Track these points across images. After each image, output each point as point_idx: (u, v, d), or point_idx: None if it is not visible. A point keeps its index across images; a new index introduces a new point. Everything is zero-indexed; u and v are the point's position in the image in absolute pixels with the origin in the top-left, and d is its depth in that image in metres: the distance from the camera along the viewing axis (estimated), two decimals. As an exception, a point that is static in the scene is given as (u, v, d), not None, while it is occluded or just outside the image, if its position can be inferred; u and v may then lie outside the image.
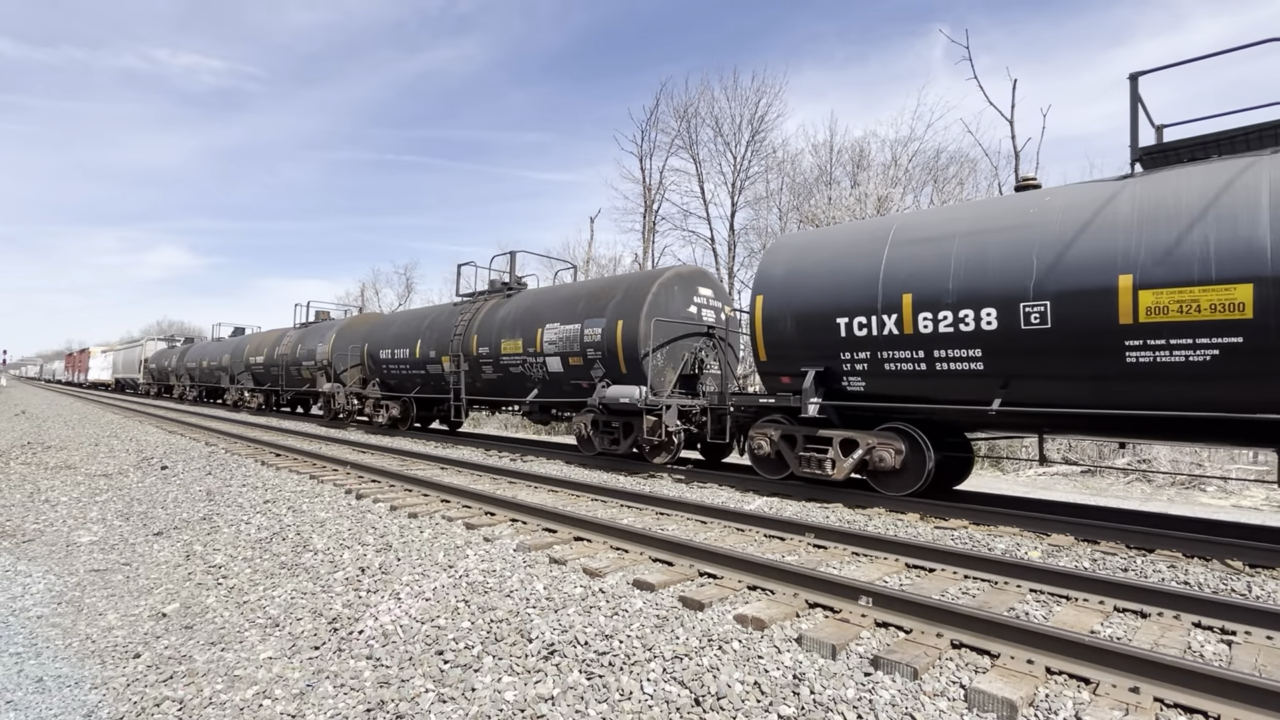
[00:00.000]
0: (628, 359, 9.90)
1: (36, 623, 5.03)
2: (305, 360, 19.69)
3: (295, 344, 20.59)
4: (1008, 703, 2.77)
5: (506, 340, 11.89)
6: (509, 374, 12.03)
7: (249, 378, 23.95)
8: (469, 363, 12.84)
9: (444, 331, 13.70)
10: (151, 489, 9.22)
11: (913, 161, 22.76)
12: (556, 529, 5.80)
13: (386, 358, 15.29)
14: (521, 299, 12.56)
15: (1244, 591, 4.42)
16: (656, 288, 10.10)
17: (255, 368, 23.32)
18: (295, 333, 21.40)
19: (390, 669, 3.61)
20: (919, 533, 6.01)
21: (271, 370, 22.04)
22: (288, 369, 20.78)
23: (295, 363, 20.26)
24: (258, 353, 23.27)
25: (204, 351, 29.73)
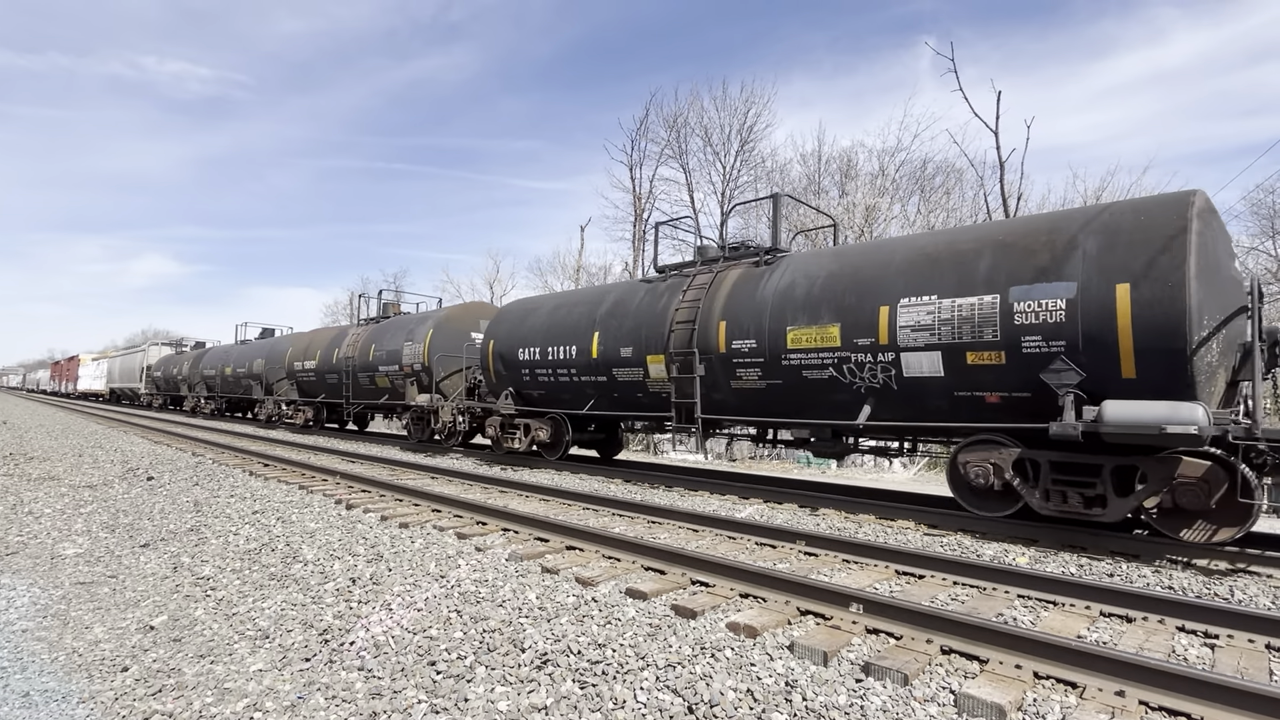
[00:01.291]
0: (1151, 350, 5.40)
1: (21, 636, 4.96)
2: (384, 365, 15.46)
3: (365, 344, 16.33)
4: (997, 707, 2.80)
5: (798, 327, 7.56)
6: (799, 381, 7.65)
7: (292, 387, 19.89)
8: (709, 364, 8.50)
9: (645, 319, 9.44)
10: (137, 500, 9.12)
11: (900, 171, 23.06)
12: (548, 538, 5.81)
13: (530, 359, 11.11)
14: (816, 261, 8.03)
15: (1226, 596, 4.50)
16: (1196, 218, 5.45)
17: (302, 375, 19.17)
18: (362, 330, 17.16)
19: (382, 680, 3.60)
20: (909, 539, 6.06)
21: (327, 378, 17.88)
22: (354, 376, 16.53)
23: (367, 368, 16.07)
24: (305, 356, 19.09)
25: (225, 356, 25.37)
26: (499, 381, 11.95)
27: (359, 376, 16.50)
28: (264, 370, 21.67)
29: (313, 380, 18.72)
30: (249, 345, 24.74)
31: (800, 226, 21.34)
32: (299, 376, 19.43)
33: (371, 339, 16.33)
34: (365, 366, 16.19)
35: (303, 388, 19.47)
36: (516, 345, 11.39)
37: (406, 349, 14.87)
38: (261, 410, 21.73)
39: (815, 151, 25.59)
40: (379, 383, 15.92)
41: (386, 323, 16.79)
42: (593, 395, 10.32)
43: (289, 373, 19.91)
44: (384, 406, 16.47)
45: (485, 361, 12.18)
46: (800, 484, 10.04)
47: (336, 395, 17.68)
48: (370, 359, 16.00)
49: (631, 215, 29.41)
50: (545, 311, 11.37)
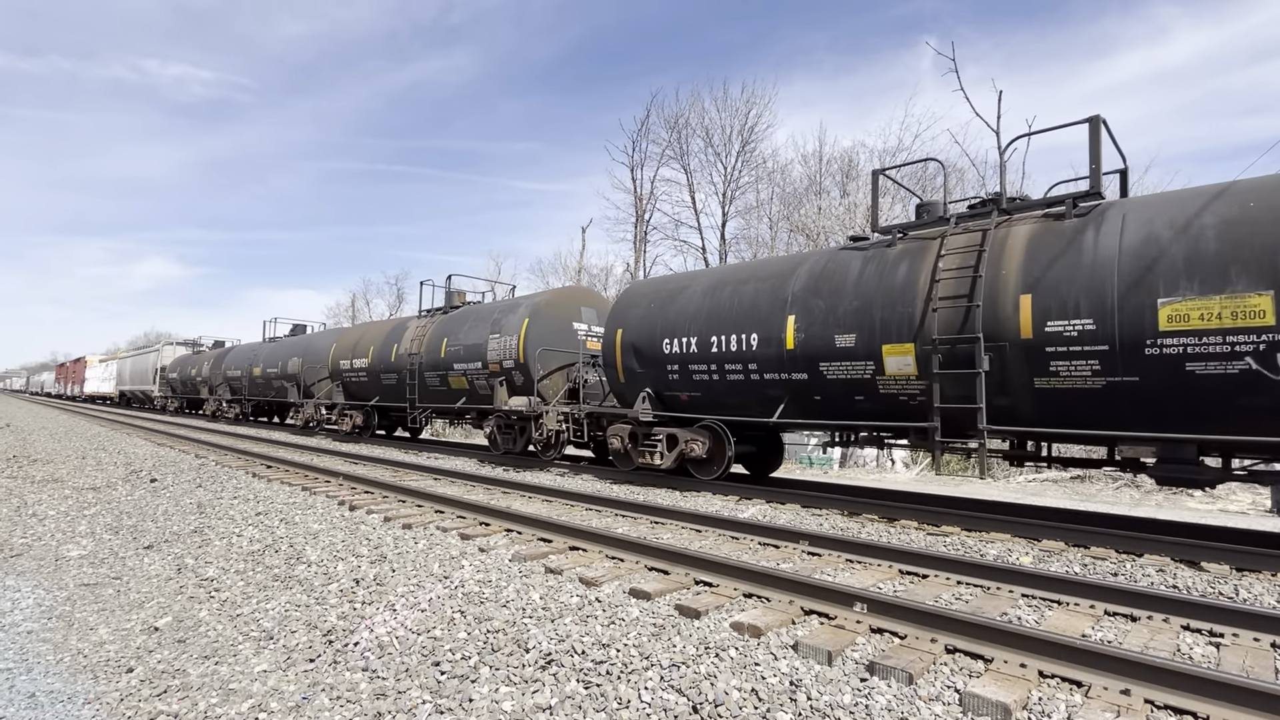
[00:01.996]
0: None
1: (27, 638, 4.98)
2: (461, 362, 12.99)
3: (435, 339, 13.85)
4: (1002, 706, 2.80)
5: (1181, 300, 5.40)
6: (1178, 377, 5.47)
7: (336, 389, 17.40)
8: (1000, 355, 6.29)
9: (875, 295, 7.18)
10: (141, 502, 9.14)
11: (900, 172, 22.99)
12: (552, 538, 5.81)
13: (680, 352, 8.77)
14: (1186, 205, 5.69)
15: (1231, 595, 4.49)
16: None
17: (351, 375, 16.72)
18: (428, 323, 14.65)
19: (386, 681, 3.60)
20: (912, 539, 6.06)
21: (383, 379, 15.49)
22: (421, 375, 14.15)
23: (437, 366, 13.65)
24: (354, 353, 16.65)
25: (252, 355, 22.98)
26: (630, 381, 9.58)
27: (426, 376, 14.00)
28: (301, 370, 19.27)
29: (363, 381, 16.26)
30: (280, 343, 22.27)
31: (801, 225, 21.32)
32: (346, 377, 16.86)
33: (442, 332, 13.76)
34: (435, 364, 13.68)
35: (350, 390, 16.94)
36: (659, 335, 9.10)
37: (493, 343, 12.35)
38: (297, 415, 19.49)
39: (816, 152, 25.61)
40: (453, 383, 13.35)
41: (459, 313, 14.04)
42: (781, 398, 7.95)
43: (333, 373, 17.43)
44: (461, 411, 13.87)
45: (610, 356, 9.85)
46: (802, 484, 10.04)
47: (396, 398, 15.15)
48: (442, 355, 13.47)
49: (633, 216, 29.43)
50: (700, 291, 9.04)
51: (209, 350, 30.26)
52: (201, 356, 29.08)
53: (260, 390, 22.07)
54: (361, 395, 16.66)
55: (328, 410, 17.96)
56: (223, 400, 25.13)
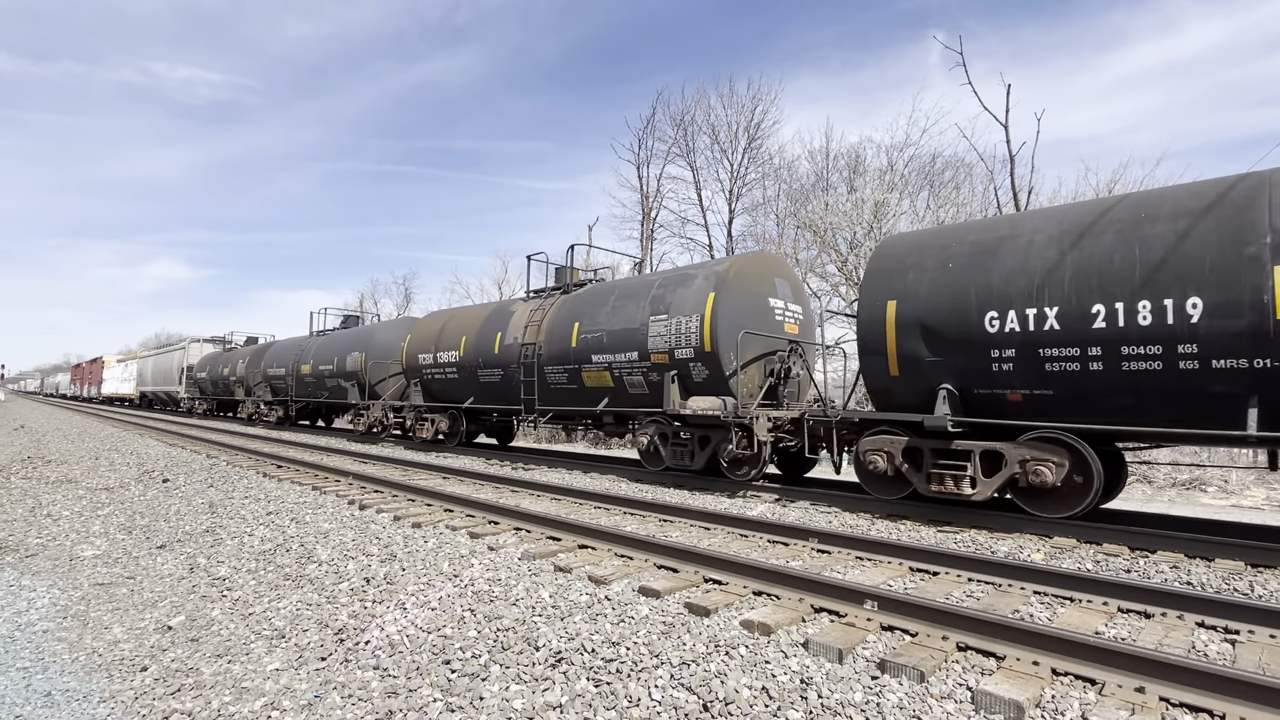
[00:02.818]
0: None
1: (42, 637, 5.03)
2: (604, 353, 10.24)
3: (560, 324, 11.13)
4: (1014, 704, 2.78)
5: None
6: None
7: (414, 389, 14.70)
8: None
9: None
10: (153, 502, 9.22)
11: (908, 167, 22.89)
12: (560, 537, 5.82)
13: (1016, 331, 6.29)
14: None
15: (1246, 591, 4.44)
16: None
17: (434, 372, 14.00)
18: (547, 304, 11.79)
19: (397, 679, 3.62)
20: (922, 536, 6.03)
21: (482, 375, 12.70)
22: (540, 371, 11.33)
23: (563, 358, 10.88)
24: (438, 345, 13.81)
25: (299, 351, 20.21)
26: (912, 374, 6.98)
27: (548, 372, 11.19)
28: (364, 367, 16.62)
29: (451, 379, 13.54)
30: (333, 336, 19.37)
31: (808, 222, 21.26)
32: (428, 374, 14.18)
33: (570, 315, 11.00)
34: (561, 356, 10.91)
35: (433, 389, 14.25)
36: (975, 306, 6.50)
37: (658, 327, 9.45)
38: (359, 420, 16.62)
39: (823, 148, 25.46)
40: (589, 379, 10.55)
41: (593, 290, 11.27)
42: (1243, 397, 5.33)
43: (410, 369, 14.83)
44: (595, 416, 10.85)
45: (875, 339, 7.24)
46: (811, 482, 10.00)
47: (499, 399, 12.49)
48: (573, 345, 10.68)
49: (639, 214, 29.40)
50: (1045, 240, 6.32)
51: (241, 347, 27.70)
52: (234, 354, 26.19)
53: (310, 390, 19.40)
54: (448, 396, 13.84)
55: (396, 413, 15.29)
56: (261, 401, 22.54)
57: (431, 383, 14.34)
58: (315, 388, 19.21)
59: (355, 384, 17.17)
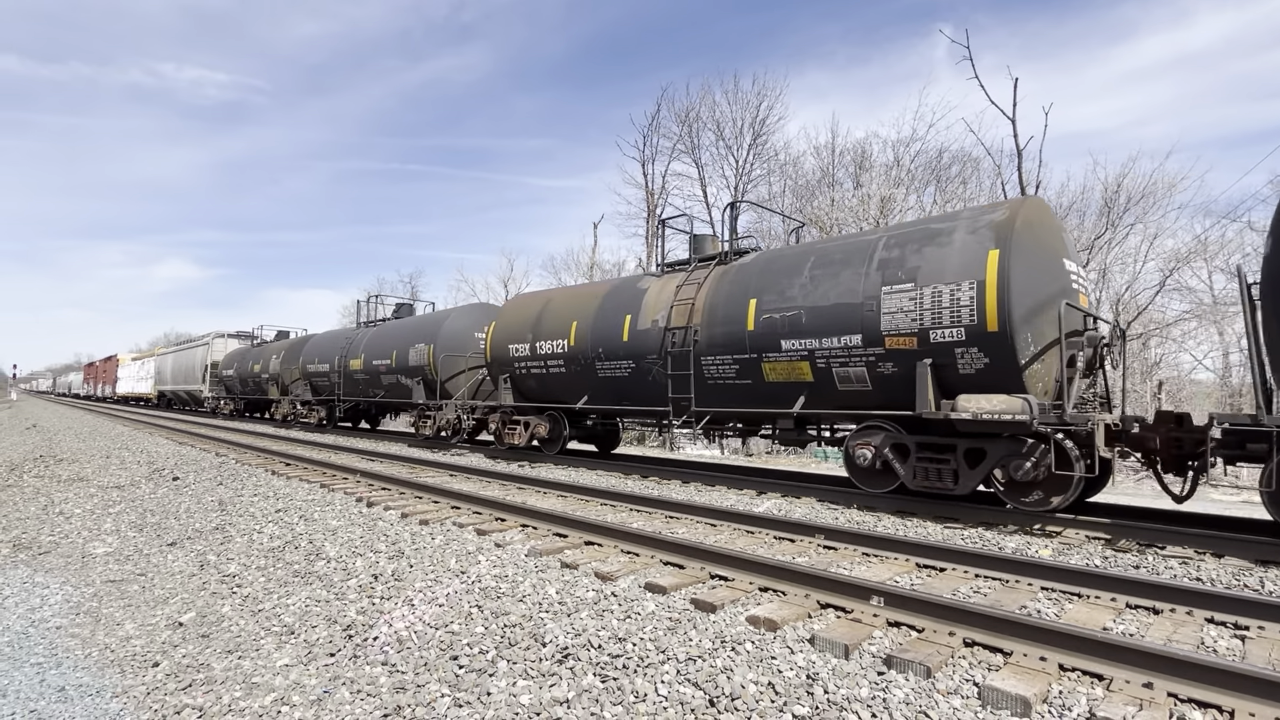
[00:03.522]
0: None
1: (56, 633, 5.09)
2: (800, 336, 7.77)
3: (729, 299, 8.65)
4: (1021, 700, 2.78)
5: None
6: None
7: (506, 388, 12.09)
8: None
9: None
10: (164, 500, 9.30)
11: (915, 162, 22.79)
12: (567, 533, 5.83)
13: None
14: None
15: (1256, 587, 4.42)
16: None
17: (530, 366, 11.49)
18: (701, 278, 9.24)
19: (406, 674, 3.64)
20: (929, 533, 6.01)
21: (601, 369, 10.18)
22: (697, 362, 8.87)
23: (736, 344, 8.42)
24: (540, 334, 11.29)
25: (346, 344, 17.85)
26: None
27: (707, 364, 8.72)
28: (432, 362, 14.26)
29: (558, 375, 11.03)
30: (386, 327, 17.11)
31: (814, 218, 21.19)
32: (521, 368, 11.69)
33: (741, 290, 8.50)
34: (729, 344, 8.45)
35: (527, 387, 11.89)
36: None
37: (897, 300, 6.99)
38: (423, 422, 14.61)
39: (829, 144, 25.39)
40: (773, 373, 8.05)
41: (773, 257, 8.67)
42: None
43: (496, 362, 12.33)
44: (790, 420, 8.26)
45: None
46: (817, 478, 9.99)
47: (629, 398, 10.01)
48: (750, 329, 8.18)
49: (644, 211, 29.39)
50: None
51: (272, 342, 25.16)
52: (265, 349, 23.96)
53: (360, 388, 17.17)
54: (549, 394, 11.48)
55: (475, 415, 13.18)
56: (299, 401, 20.34)
57: (526, 378, 11.80)
58: (368, 385, 16.83)
59: (420, 381, 14.76)
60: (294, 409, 20.69)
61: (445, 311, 15.98)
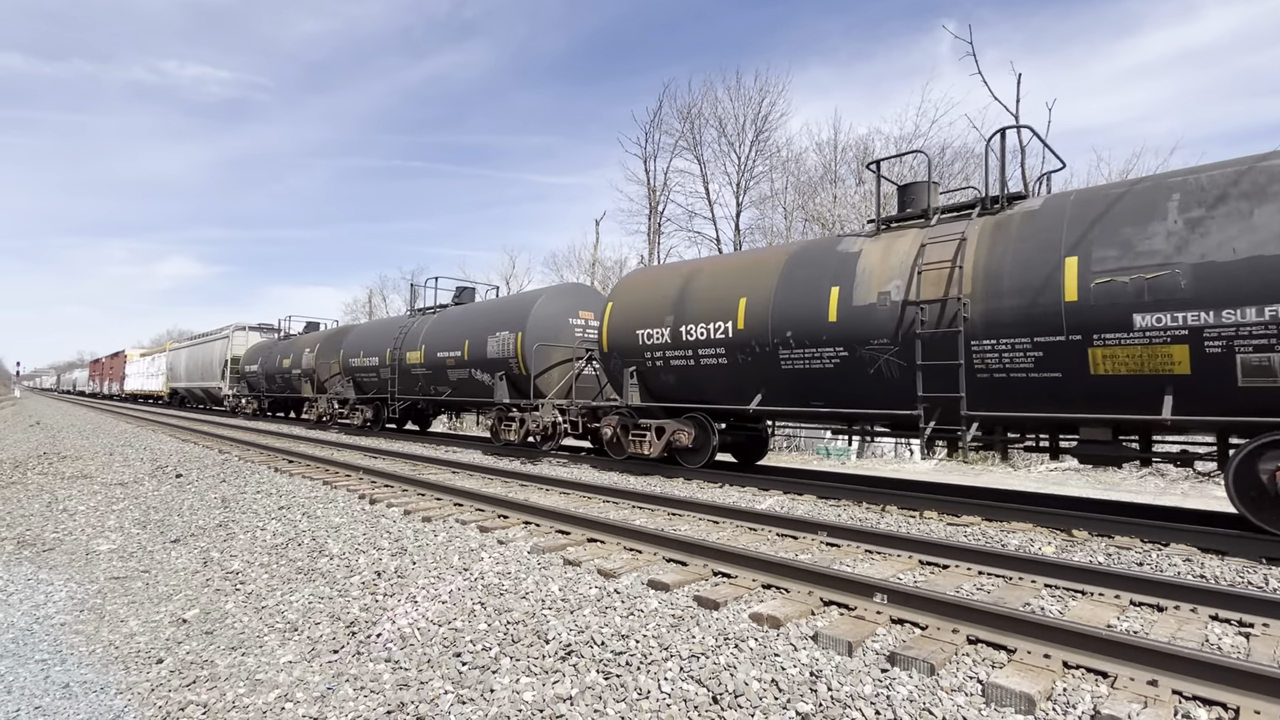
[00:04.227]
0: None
1: (60, 630, 5.11)
2: (1172, 310, 5.42)
3: (1029, 257, 6.16)
4: (1025, 697, 2.77)
5: None
6: None
7: (633, 384, 9.81)
8: None
9: None
10: (167, 497, 9.32)
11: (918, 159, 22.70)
12: (570, 531, 5.84)
13: None
14: None
15: (1261, 584, 4.40)
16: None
17: (667, 358, 9.30)
18: (959, 229, 6.79)
19: (409, 671, 3.65)
20: (932, 530, 6.01)
21: (788, 359, 7.92)
22: (966, 349, 6.46)
23: (1040, 323, 6.02)
24: (683, 314, 9.08)
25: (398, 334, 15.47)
26: None
27: (982, 351, 6.44)
28: (520, 352, 11.82)
29: (711, 367, 8.78)
30: (451, 314, 14.66)
31: (816, 215, 21.14)
32: (654, 359, 9.38)
33: (1047, 244, 6.15)
34: (1028, 321, 6.14)
35: (659, 384, 9.55)
36: None
37: None
38: (508, 426, 12.30)
39: (831, 140, 25.35)
40: (1109, 362, 5.80)
41: (1098, 196, 6.19)
42: None
43: (619, 352, 9.89)
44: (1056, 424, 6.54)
45: None
46: (820, 475, 9.98)
47: (838, 396, 7.69)
48: (1069, 298, 5.93)
49: (646, 208, 29.35)
50: None
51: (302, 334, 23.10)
52: (295, 342, 21.86)
53: (421, 385, 14.80)
54: (692, 392, 9.16)
55: (581, 416, 10.95)
56: (337, 400, 18.18)
57: (662, 372, 9.34)
58: (430, 381, 14.46)
59: (502, 376, 12.42)
60: (331, 408, 18.60)
61: (534, 292, 13.21)
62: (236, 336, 26.95)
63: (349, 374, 17.57)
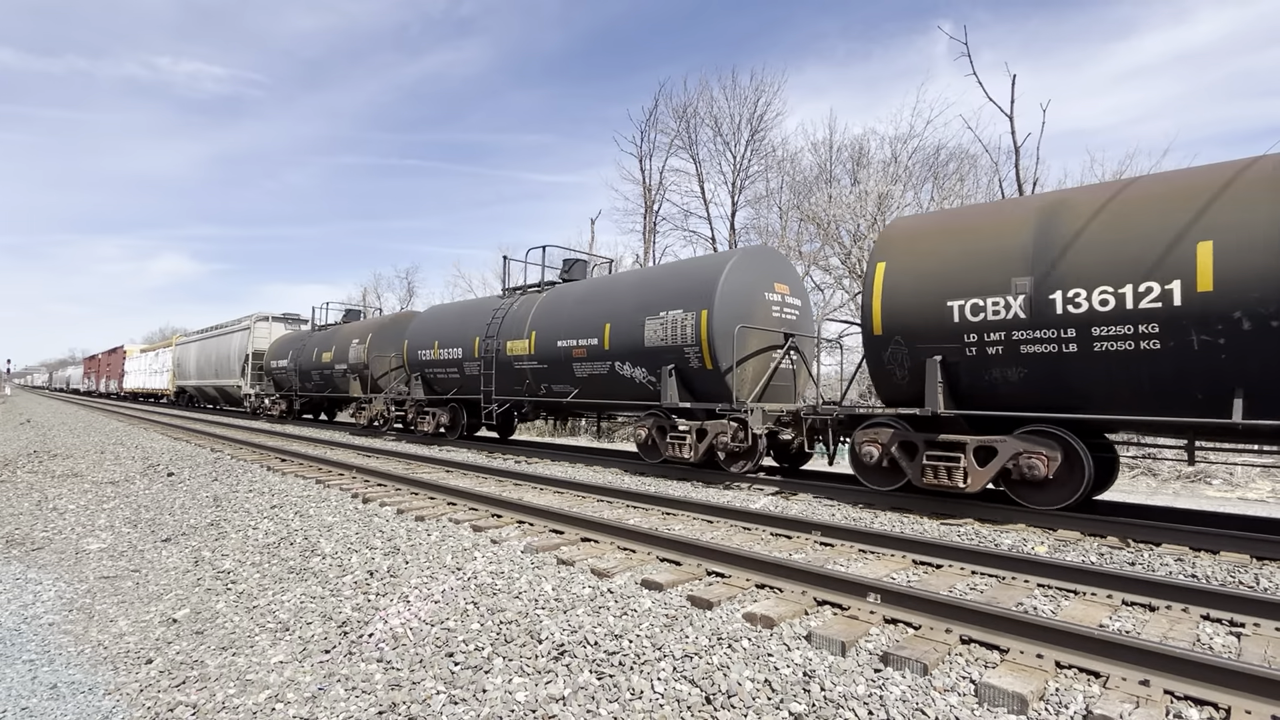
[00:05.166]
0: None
1: (48, 630, 5.06)
2: None
3: None
4: (1018, 697, 2.77)
5: None
6: None
7: (938, 384, 6.42)
8: None
9: None
10: (159, 496, 9.26)
11: (913, 158, 22.78)
12: (563, 530, 5.82)
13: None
14: None
15: (1252, 584, 4.42)
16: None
17: (1005, 336, 6.07)
18: None
19: (401, 671, 3.63)
20: (925, 529, 6.01)
21: None
22: None
23: None
24: (1063, 265, 5.67)
25: (496, 319, 12.22)
26: None
27: None
28: (704, 339, 8.76)
29: (1138, 353, 5.55)
30: (577, 290, 11.36)
31: (811, 215, 21.18)
32: (993, 341, 6.23)
33: None
34: None
35: (987, 382, 6.40)
36: None
37: None
38: (676, 440, 9.12)
39: (826, 140, 25.37)
40: None
41: None
42: None
43: (914, 335, 6.71)
44: None
45: None
46: (814, 475, 9.99)
47: None
48: None
49: (642, 207, 29.32)
50: None
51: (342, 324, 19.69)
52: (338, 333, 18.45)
53: (529, 383, 11.57)
54: (1048, 394, 6.17)
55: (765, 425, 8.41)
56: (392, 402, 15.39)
57: (994, 364, 6.35)
58: (541, 378, 11.29)
59: (671, 369, 9.06)
60: (388, 411, 15.53)
61: (717, 257, 9.98)
62: (259, 328, 23.59)
63: (416, 370, 14.25)
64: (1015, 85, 17.52)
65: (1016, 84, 17.63)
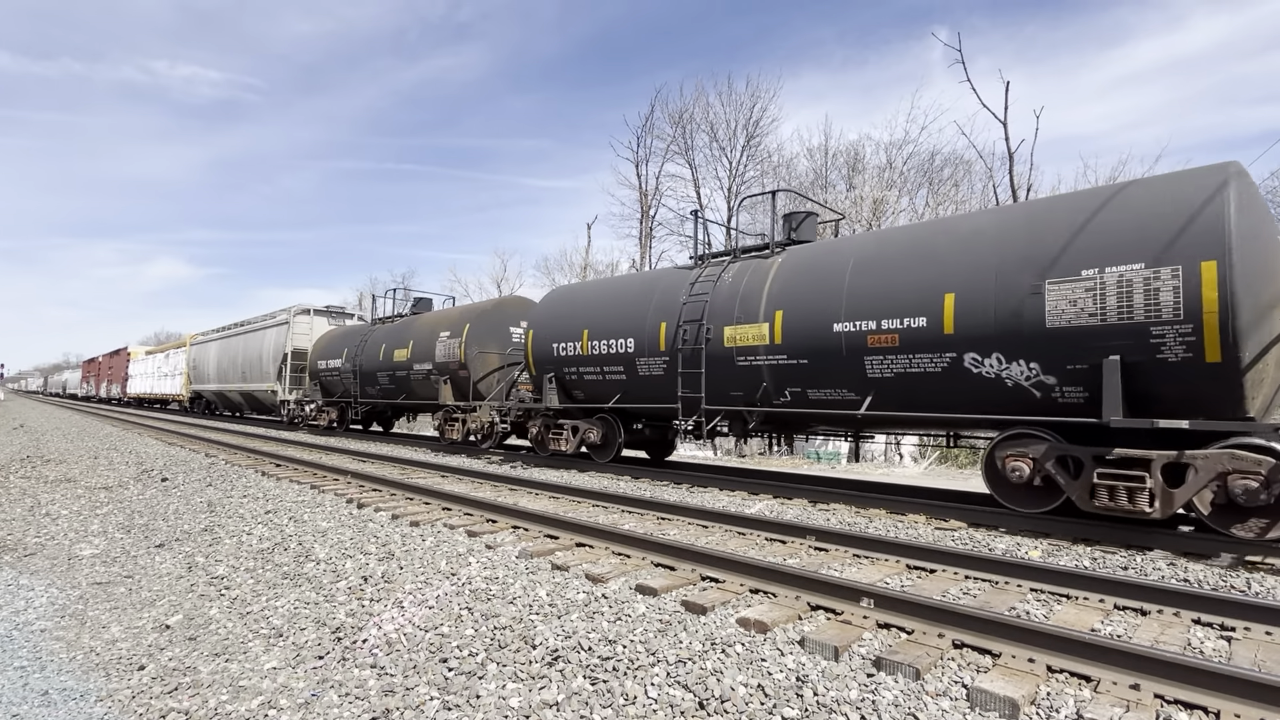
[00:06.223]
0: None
1: (40, 636, 5.03)
2: None
3: None
4: (1010, 701, 2.79)
5: None
6: None
7: None
8: None
9: None
10: (152, 501, 9.22)
11: (908, 164, 22.92)
12: (558, 535, 5.82)
13: None
14: None
15: (1243, 588, 4.45)
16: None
17: None
18: None
19: (395, 677, 3.62)
20: (919, 534, 6.03)
21: None
22: None
23: None
24: None
25: (707, 296, 8.59)
26: None
27: None
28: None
29: None
30: (901, 238, 7.45)
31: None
32: None
33: None
34: None
35: None
36: None
37: None
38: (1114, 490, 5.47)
39: (822, 145, 25.52)
40: None
41: None
42: None
43: None
44: None
45: None
46: (809, 479, 10.00)
47: None
48: None
49: (638, 212, 29.41)
50: None
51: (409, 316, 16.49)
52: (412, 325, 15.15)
53: (769, 388, 8.08)
54: None
55: None
56: (496, 410, 12.40)
57: None
58: (805, 378, 7.76)
59: (1180, 349, 5.33)
60: (494, 421, 12.47)
61: (1189, 174, 5.75)
62: (299, 322, 19.43)
63: (549, 369, 10.93)
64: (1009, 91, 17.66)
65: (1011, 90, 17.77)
